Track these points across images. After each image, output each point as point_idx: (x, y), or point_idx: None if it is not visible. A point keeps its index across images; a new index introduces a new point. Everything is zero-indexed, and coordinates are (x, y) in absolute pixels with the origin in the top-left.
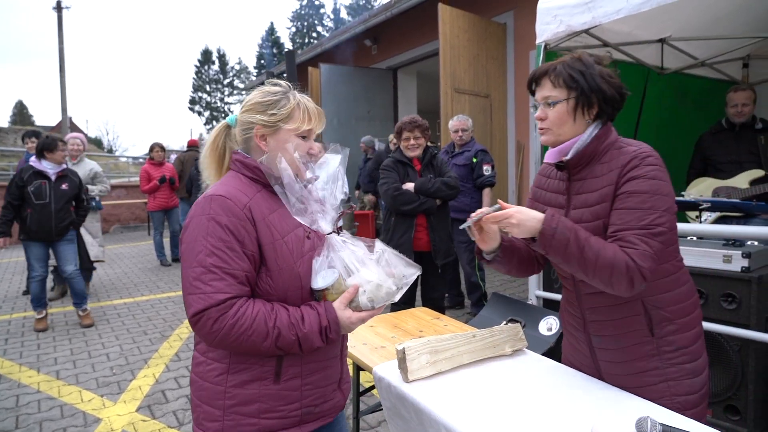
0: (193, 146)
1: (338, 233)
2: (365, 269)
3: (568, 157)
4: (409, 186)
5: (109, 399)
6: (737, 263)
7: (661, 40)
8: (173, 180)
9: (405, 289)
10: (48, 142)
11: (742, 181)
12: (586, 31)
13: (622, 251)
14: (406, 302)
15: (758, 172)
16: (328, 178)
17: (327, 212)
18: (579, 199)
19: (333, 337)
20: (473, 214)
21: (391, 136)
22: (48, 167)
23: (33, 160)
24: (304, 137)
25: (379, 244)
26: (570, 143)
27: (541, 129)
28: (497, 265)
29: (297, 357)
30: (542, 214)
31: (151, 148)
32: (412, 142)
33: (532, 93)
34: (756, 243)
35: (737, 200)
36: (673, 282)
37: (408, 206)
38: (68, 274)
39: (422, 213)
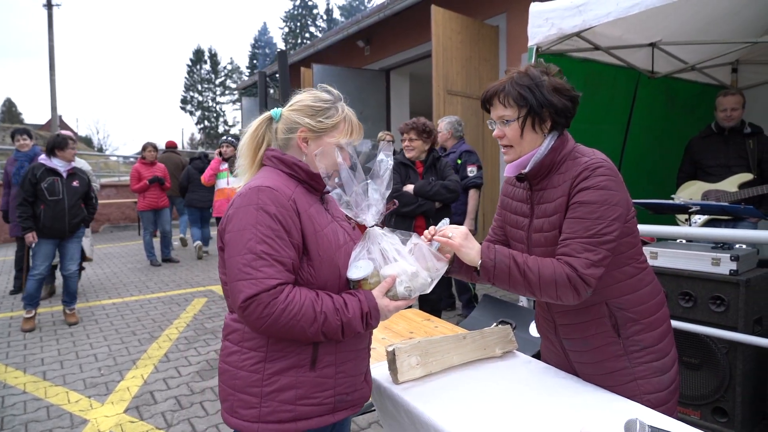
0: (171, 147)
1: (381, 227)
2: (403, 260)
3: (527, 169)
4: (409, 188)
5: (97, 400)
6: (725, 266)
7: (652, 44)
8: (163, 180)
9: (437, 280)
10: (59, 141)
11: (731, 184)
12: (578, 35)
13: (560, 264)
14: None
15: (747, 176)
16: (375, 173)
17: (372, 206)
18: (540, 209)
19: (373, 323)
20: (427, 231)
21: (381, 134)
22: (59, 165)
23: (43, 158)
24: (341, 147)
25: (414, 238)
26: (528, 156)
27: (504, 147)
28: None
29: (332, 345)
30: (479, 247)
31: (144, 148)
32: (406, 143)
33: (487, 110)
34: (744, 246)
35: (726, 204)
36: (636, 283)
37: (406, 208)
38: (69, 272)
39: (421, 215)
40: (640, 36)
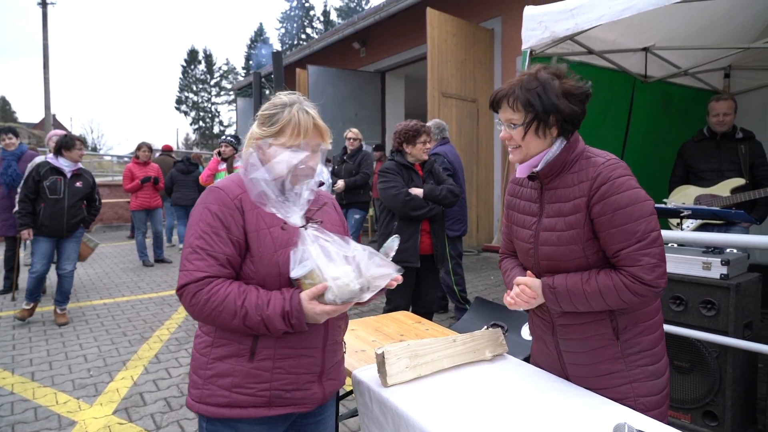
0: (167, 151)
1: (311, 227)
2: (332, 266)
3: (538, 168)
4: (418, 192)
5: (85, 401)
6: (716, 270)
7: (645, 49)
8: (157, 180)
9: (375, 292)
10: (66, 141)
11: (723, 189)
12: (571, 38)
13: (617, 274)
14: (405, 308)
15: (739, 181)
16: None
17: (295, 206)
18: (552, 208)
19: (296, 323)
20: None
21: (348, 132)
22: (64, 164)
23: (50, 157)
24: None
25: (354, 244)
26: (539, 157)
27: (511, 148)
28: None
29: (271, 340)
30: (539, 284)
31: (139, 147)
32: (428, 146)
33: (496, 111)
34: (735, 251)
35: (717, 208)
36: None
37: (418, 212)
38: (65, 272)
39: (428, 219)
40: (633, 40)
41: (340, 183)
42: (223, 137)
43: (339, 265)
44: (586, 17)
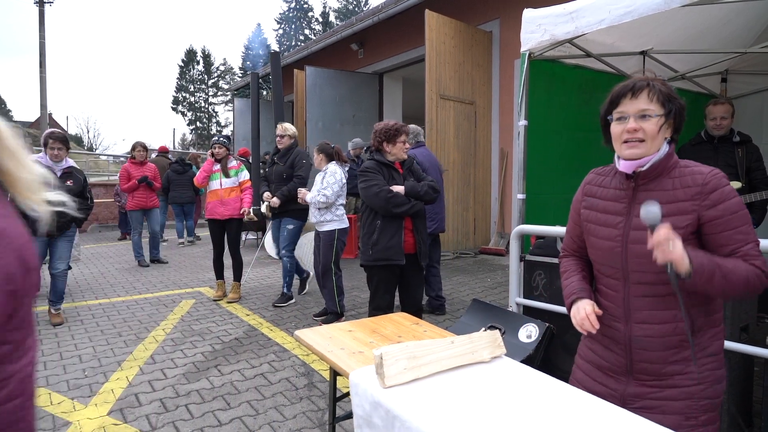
0: (163, 152)
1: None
2: None
3: (645, 168)
4: (399, 189)
5: (80, 402)
6: None
7: (643, 53)
8: (152, 182)
9: None
10: (43, 141)
11: None
12: (570, 41)
13: (747, 264)
14: (387, 307)
15: (735, 184)
16: None
17: None
18: None
19: None
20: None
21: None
22: (52, 164)
23: (41, 156)
24: None
25: None
26: (648, 158)
27: (634, 141)
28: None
29: None
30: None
31: (134, 147)
32: (407, 145)
33: (614, 105)
34: None
35: None
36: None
37: (400, 209)
38: (57, 271)
39: (410, 216)
40: (631, 44)
41: (274, 200)
42: (215, 138)
43: None
44: (585, 21)
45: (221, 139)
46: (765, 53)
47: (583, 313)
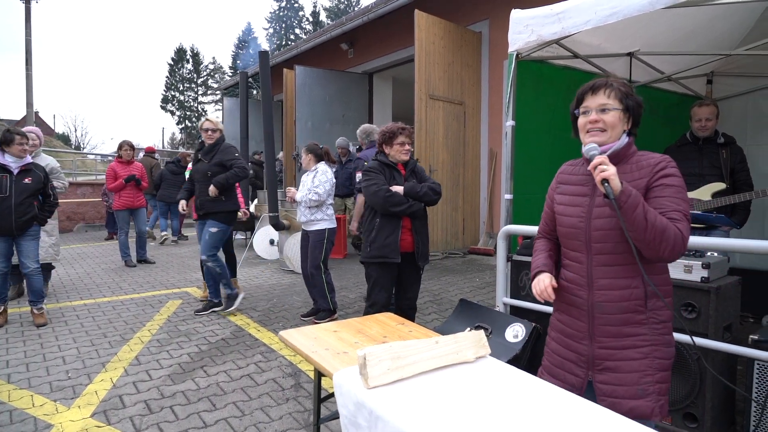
0: (150, 153)
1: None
2: None
3: (607, 154)
4: (399, 189)
5: (63, 404)
6: (697, 273)
7: (630, 54)
8: (139, 181)
9: None
10: (5, 136)
11: (705, 193)
12: (558, 42)
13: (671, 222)
14: (383, 304)
15: (720, 185)
16: None
17: None
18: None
19: None
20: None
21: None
22: (10, 161)
23: None
24: None
25: None
26: (609, 145)
27: (596, 131)
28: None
29: None
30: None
31: (120, 146)
32: (407, 147)
33: (579, 102)
34: (716, 254)
35: (698, 212)
36: (664, 265)
37: (398, 208)
38: (28, 271)
39: (409, 216)
40: (618, 45)
41: (212, 189)
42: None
43: None
44: (572, 21)
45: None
46: (749, 56)
47: (542, 285)
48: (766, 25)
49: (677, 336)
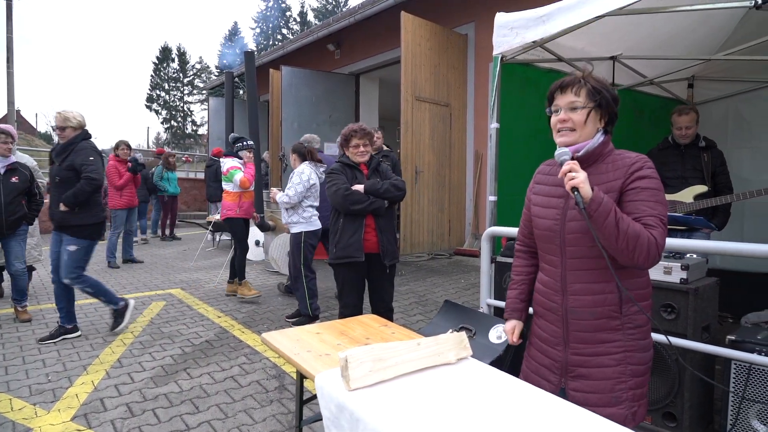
0: (160, 154)
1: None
2: None
3: (581, 154)
4: (359, 187)
5: (42, 407)
6: (676, 275)
7: (613, 58)
8: (143, 167)
9: None
10: None
11: (687, 196)
12: (542, 45)
13: (645, 228)
14: (354, 305)
15: (702, 188)
16: None
17: None
18: None
19: None
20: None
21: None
22: None
23: None
24: None
25: None
26: (582, 144)
27: (565, 130)
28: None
29: None
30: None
31: (117, 146)
32: (362, 149)
33: (551, 101)
34: (695, 256)
35: (678, 214)
36: (641, 270)
37: (358, 206)
38: (15, 270)
39: (371, 214)
40: (601, 49)
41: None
42: (250, 143)
43: None
44: (554, 23)
45: (250, 143)
46: (729, 60)
47: (510, 335)
48: (745, 30)
49: (657, 337)
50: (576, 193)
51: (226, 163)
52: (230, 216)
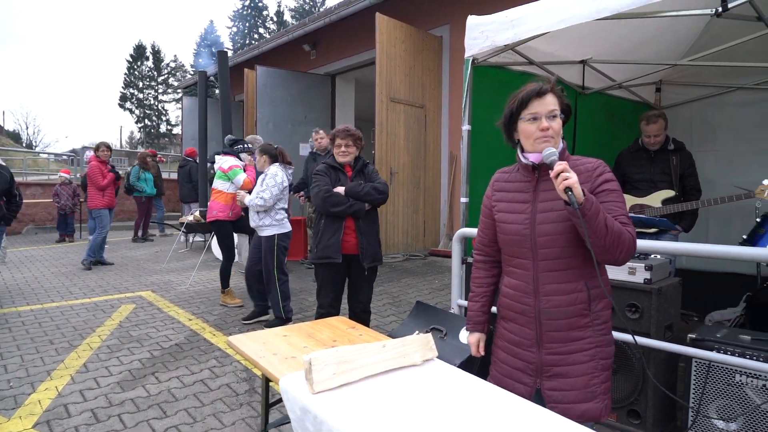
0: (153, 155)
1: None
2: None
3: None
4: (340, 190)
5: (3, 415)
6: (640, 275)
7: (583, 62)
8: (119, 174)
9: None
10: None
11: (654, 200)
12: (513, 49)
13: (624, 227)
14: (330, 305)
15: (669, 193)
16: None
17: None
18: (548, 194)
19: None
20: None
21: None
22: None
23: None
24: None
25: None
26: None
27: (547, 138)
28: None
29: None
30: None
31: (98, 147)
32: (343, 149)
33: (525, 106)
34: (659, 256)
35: (645, 216)
36: (604, 268)
37: (337, 208)
38: None
39: (351, 216)
40: (571, 53)
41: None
42: (246, 145)
43: None
44: (524, 28)
45: (248, 145)
46: (694, 66)
47: (474, 347)
48: (709, 37)
49: (621, 336)
50: (570, 193)
51: (227, 161)
52: (220, 219)
